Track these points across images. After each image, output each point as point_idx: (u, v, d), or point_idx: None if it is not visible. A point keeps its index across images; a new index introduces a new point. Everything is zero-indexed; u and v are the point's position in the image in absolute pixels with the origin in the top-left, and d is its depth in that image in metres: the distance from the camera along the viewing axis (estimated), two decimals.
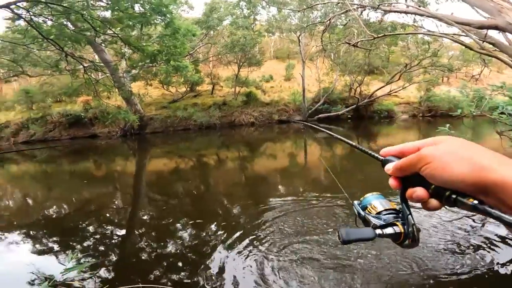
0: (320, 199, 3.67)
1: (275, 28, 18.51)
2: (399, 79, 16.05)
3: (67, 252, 2.60)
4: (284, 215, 3.22)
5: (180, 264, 2.31)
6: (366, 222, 0.49)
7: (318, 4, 10.06)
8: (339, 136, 0.68)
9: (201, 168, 7.42)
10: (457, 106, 3.31)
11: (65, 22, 8.75)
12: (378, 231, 0.44)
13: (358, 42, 5.68)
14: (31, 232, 3.28)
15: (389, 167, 0.41)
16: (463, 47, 4.86)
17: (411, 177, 0.38)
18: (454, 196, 0.34)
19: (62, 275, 1.68)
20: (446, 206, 0.37)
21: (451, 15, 3.64)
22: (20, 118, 16.78)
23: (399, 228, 0.43)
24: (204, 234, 2.88)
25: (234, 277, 2.12)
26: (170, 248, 2.63)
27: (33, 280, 2.07)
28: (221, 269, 2.22)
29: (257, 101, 17.94)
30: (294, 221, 3.04)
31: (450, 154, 0.34)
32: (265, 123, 16.65)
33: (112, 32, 9.36)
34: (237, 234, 2.82)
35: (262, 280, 2.05)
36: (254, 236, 2.74)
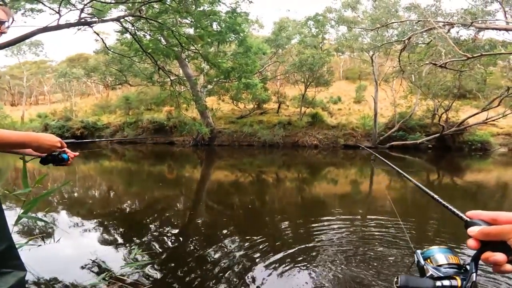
0: (378, 237, 3.29)
1: (345, 47, 17.91)
2: (498, 105, 13.52)
3: (127, 246, 2.92)
4: (336, 245, 2.98)
5: (222, 275, 2.34)
6: (423, 272, 0.51)
7: (394, 22, 9.39)
8: (418, 184, 0.65)
9: (259, 184, 7.53)
10: None
11: (159, 38, 10.30)
12: (438, 282, 0.47)
13: (447, 62, 5.05)
14: (104, 222, 3.80)
15: (474, 230, 0.44)
16: None
17: (493, 242, 0.41)
18: None
19: (121, 268, 1.88)
20: None
21: None
22: (119, 121, 20.05)
23: (456, 282, 0.46)
24: (251, 249, 2.88)
25: None
26: (216, 257, 2.69)
27: (92, 269, 2.34)
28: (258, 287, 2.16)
29: (323, 123, 17.46)
30: (344, 255, 2.78)
31: None
32: (330, 146, 16.02)
33: (194, 48, 10.56)
34: (283, 254, 2.74)
35: None
36: (301, 259, 2.63)
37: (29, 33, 6.95)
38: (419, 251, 0.55)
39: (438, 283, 0.46)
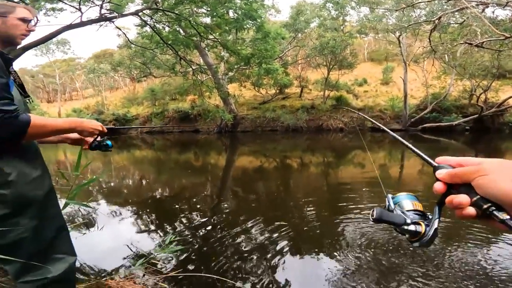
0: None
1: (368, 28, 16.93)
2: None
3: (160, 232, 3.10)
4: (362, 232, 2.94)
5: (246, 261, 2.41)
6: None
7: (420, 2, 8.60)
8: (394, 134, 0.70)
9: (283, 170, 7.54)
10: None
11: (177, 29, 10.39)
12: (404, 226, 0.49)
13: (483, 42, 4.64)
14: (138, 210, 4.03)
15: (441, 172, 0.44)
16: None
17: (458, 185, 0.42)
18: (493, 208, 0.38)
19: (157, 254, 2.02)
20: (477, 218, 0.40)
21: None
22: (146, 112, 20.84)
23: (420, 228, 0.48)
24: (275, 235, 2.93)
25: (295, 284, 2.09)
26: (241, 243, 2.78)
27: (130, 255, 2.50)
28: (285, 274, 2.21)
29: (348, 106, 16.91)
30: (371, 243, 2.74)
31: (507, 172, 0.38)
32: (356, 130, 15.53)
33: (213, 37, 10.55)
34: (308, 242, 2.77)
35: None
36: (327, 246, 2.64)
37: (54, 31, 7.28)
38: (390, 195, 0.57)
39: (405, 225, 0.49)
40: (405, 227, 0.49)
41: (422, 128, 14.40)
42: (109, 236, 2.94)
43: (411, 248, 2.55)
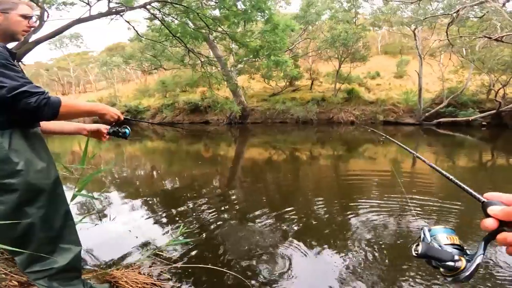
0: (417, 220, 3.11)
1: (382, 21, 16.40)
2: None
3: (170, 224, 3.13)
4: (371, 227, 2.89)
5: (252, 254, 2.41)
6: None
7: None
8: (432, 164, 0.65)
9: (293, 162, 7.50)
10: None
11: (186, 21, 10.35)
12: (449, 262, 0.47)
13: (503, 36, 4.41)
14: (149, 201, 4.09)
15: (496, 209, 0.43)
16: None
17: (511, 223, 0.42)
18: None
19: (167, 246, 2.04)
20: None
21: None
22: (158, 103, 21.11)
23: (460, 263, 0.46)
24: (283, 229, 2.92)
25: (301, 277, 2.07)
26: (248, 236, 2.77)
27: (139, 246, 2.53)
28: (290, 267, 2.20)
29: (360, 99, 16.57)
30: (377, 238, 2.69)
31: None
32: (367, 123, 15.23)
33: (222, 29, 10.47)
34: (317, 236, 2.74)
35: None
36: (333, 243, 2.61)
37: (65, 25, 7.39)
38: (426, 228, 0.55)
39: (451, 262, 0.47)
40: (448, 263, 0.47)
41: (437, 123, 13.99)
42: (117, 227, 2.99)
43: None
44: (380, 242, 2.61)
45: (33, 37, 6.72)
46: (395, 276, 2.11)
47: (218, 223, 3.10)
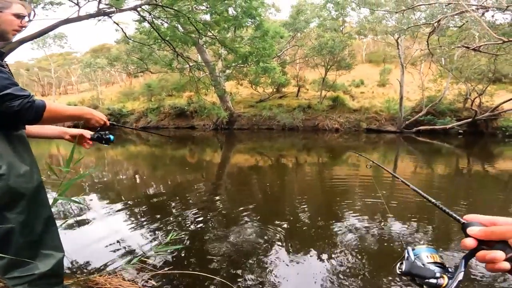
0: (400, 229, 3.23)
1: (367, 30, 17.05)
2: None
3: (153, 229, 3.07)
4: (354, 232, 2.97)
5: (238, 260, 2.42)
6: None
7: (421, 5, 8.65)
8: (415, 188, 0.70)
9: (279, 168, 7.56)
10: None
11: (176, 25, 10.32)
12: (431, 279, 0.49)
13: (481, 46, 4.69)
14: (132, 206, 4.01)
15: (475, 229, 0.46)
16: None
17: (492, 242, 0.45)
18: None
19: (148, 251, 2.00)
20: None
21: None
22: (142, 107, 20.70)
23: (442, 280, 0.48)
24: (269, 234, 2.94)
25: (286, 282, 2.10)
26: (233, 242, 2.78)
27: (121, 252, 2.48)
28: (275, 272, 2.23)
29: (344, 106, 17.00)
30: (361, 243, 2.77)
31: None
32: (351, 130, 15.62)
33: (211, 34, 10.51)
34: (302, 241, 2.78)
35: None
36: (320, 245, 2.65)
37: (51, 25, 7.20)
38: (410, 248, 0.58)
39: (433, 279, 0.49)
40: (430, 280, 0.49)
41: (416, 131, 14.55)
42: (100, 232, 2.91)
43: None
44: (363, 248, 2.68)
45: (17, 36, 6.48)
46: (378, 282, 2.17)
47: (203, 229, 3.08)
